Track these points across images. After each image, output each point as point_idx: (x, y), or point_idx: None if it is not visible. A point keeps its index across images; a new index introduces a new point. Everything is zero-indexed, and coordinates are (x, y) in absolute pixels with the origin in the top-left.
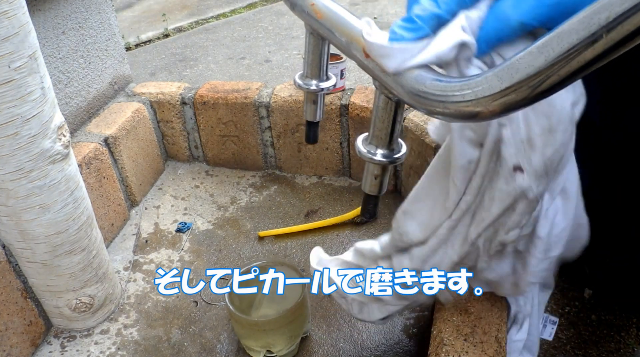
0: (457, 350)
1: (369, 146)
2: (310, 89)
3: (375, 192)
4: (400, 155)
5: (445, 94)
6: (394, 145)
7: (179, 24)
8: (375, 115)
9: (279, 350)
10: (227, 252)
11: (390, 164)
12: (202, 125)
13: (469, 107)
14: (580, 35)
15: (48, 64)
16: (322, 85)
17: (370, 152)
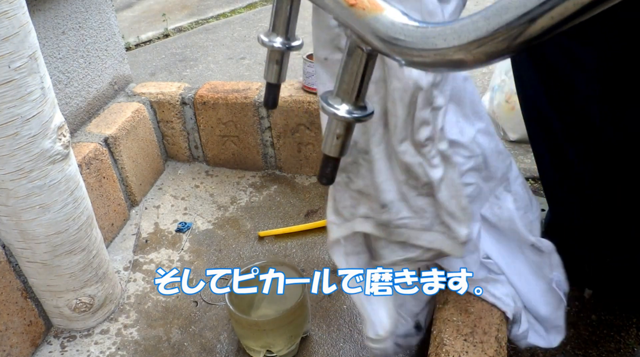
0: (457, 350)
1: (334, 100)
2: (275, 46)
3: (335, 154)
4: (366, 113)
5: (427, 40)
6: (360, 102)
7: (179, 24)
8: (343, 67)
9: (279, 350)
10: (227, 252)
11: (355, 122)
12: (202, 125)
13: (453, 55)
14: None
15: (48, 64)
16: (288, 43)
17: (333, 106)
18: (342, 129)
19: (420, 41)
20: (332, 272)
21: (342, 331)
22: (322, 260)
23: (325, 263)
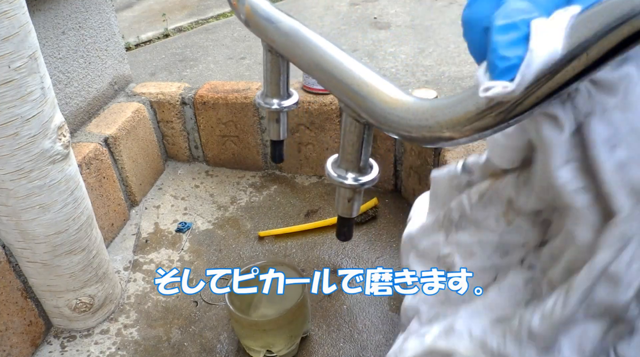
0: None
1: (339, 170)
2: (272, 108)
3: (348, 215)
4: (371, 178)
5: (417, 117)
6: (364, 168)
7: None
8: (343, 138)
9: (279, 350)
10: (227, 252)
11: (361, 187)
12: (202, 125)
13: (441, 132)
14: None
15: (48, 64)
16: (284, 103)
17: (340, 176)
18: (351, 194)
19: (410, 119)
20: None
21: (342, 331)
22: (322, 260)
23: (325, 263)
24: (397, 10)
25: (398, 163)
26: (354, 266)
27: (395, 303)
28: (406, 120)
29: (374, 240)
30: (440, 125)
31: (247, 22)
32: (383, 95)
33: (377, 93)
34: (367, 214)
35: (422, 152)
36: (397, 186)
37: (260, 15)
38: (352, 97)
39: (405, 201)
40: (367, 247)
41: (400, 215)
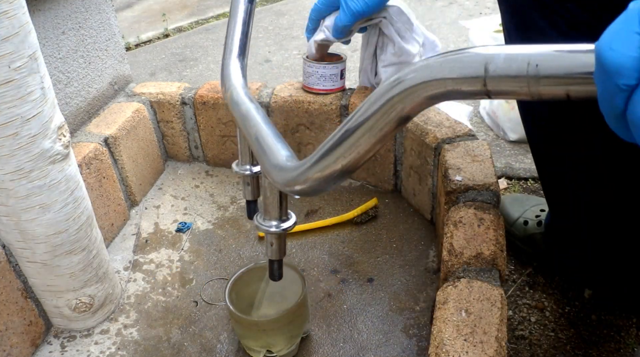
0: (457, 350)
1: (264, 221)
2: (246, 173)
3: (276, 258)
4: (290, 223)
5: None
6: (283, 217)
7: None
8: (264, 196)
9: (279, 350)
10: (227, 252)
11: (283, 232)
12: (202, 125)
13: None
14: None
15: (48, 64)
16: (254, 169)
17: (266, 225)
18: (276, 239)
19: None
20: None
21: (342, 331)
22: (322, 260)
23: (325, 263)
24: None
25: (398, 163)
26: (354, 265)
27: (395, 303)
28: (283, 185)
29: (374, 240)
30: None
31: (227, 106)
32: (269, 166)
33: (267, 166)
34: (367, 214)
35: (422, 152)
36: (397, 186)
37: (232, 101)
38: (264, 169)
39: (405, 200)
40: (367, 247)
41: (400, 215)
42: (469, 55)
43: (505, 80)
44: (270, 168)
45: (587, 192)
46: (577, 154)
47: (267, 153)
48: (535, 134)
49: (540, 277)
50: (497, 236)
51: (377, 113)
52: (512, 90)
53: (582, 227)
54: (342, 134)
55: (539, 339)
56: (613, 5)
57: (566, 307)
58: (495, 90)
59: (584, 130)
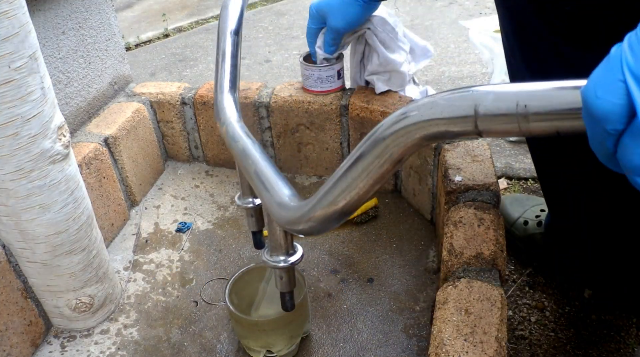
0: (457, 350)
1: (272, 256)
2: (249, 206)
3: (287, 290)
4: (297, 258)
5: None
6: (290, 251)
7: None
8: (269, 232)
9: (279, 350)
10: (227, 252)
11: (291, 266)
12: (202, 125)
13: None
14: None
15: (48, 64)
16: (256, 201)
17: (274, 261)
18: (284, 272)
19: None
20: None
21: (342, 331)
22: (322, 260)
23: (325, 263)
24: (397, 10)
25: None
26: (354, 265)
27: (395, 303)
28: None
29: (374, 240)
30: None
31: (224, 141)
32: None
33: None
34: (367, 214)
35: (422, 152)
36: (397, 185)
37: (229, 137)
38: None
39: (405, 200)
40: (367, 247)
41: (400, 215)
42: (459, 97)
43: (496, 120)
44: (273, 206)
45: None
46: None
47: (270, 191)
48: (533, 145)
49: (540, 277)
50: (497, 236)
51: (370, 155)
52: (503, 129)
53: (582, 227)
54: (341, 175)
55: (539, 339)
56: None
57: (566, 307)
58: (486, 130)
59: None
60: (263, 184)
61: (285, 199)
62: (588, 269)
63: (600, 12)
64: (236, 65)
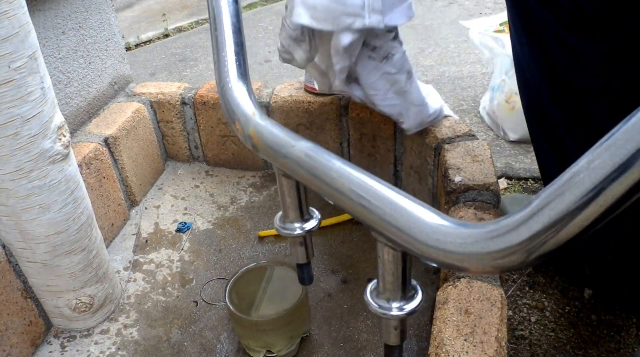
0: (457, 350)
1: (381, 300)
2: (294, 233)
3: (398, 343)
4: (417, 303)
5: (465, 247)
6: (408, 294)
7: (179, 24)
8: (382, 269)
9: (279, 350)
10: (227, 252)
11: (408, 316)
12: (202, 125)
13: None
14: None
15: (48, 64)
16: (306, 226)
17: (383, 307)
18: (398, 322)
19: (456, 250)
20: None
21: (342, 331)
22: (322, 260)
23: (325, 263)
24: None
25: (398, 163)
26: (354, 265)
27: None
28: (452, 253)
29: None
30: (493, 257)
31: (255, 148)
32: (422, 224)
33: (416, 222)
34: None
35: (422, 152)
36: (397, 185)
37: (268, 140)
38: (387, 227)
39: None
40: (367, 247)
41: None
42: None
43: None
44: (423, 238)
45: None
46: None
47: (406, 217)
48: (538, 128)
49: (540, 277)
50: None
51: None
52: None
53: None
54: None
55: (539, 339)
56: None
57: (566, 307)
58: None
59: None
60: (381, 204)
61: (450, 225)
62: (588, 268)
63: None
64: (242, 43)
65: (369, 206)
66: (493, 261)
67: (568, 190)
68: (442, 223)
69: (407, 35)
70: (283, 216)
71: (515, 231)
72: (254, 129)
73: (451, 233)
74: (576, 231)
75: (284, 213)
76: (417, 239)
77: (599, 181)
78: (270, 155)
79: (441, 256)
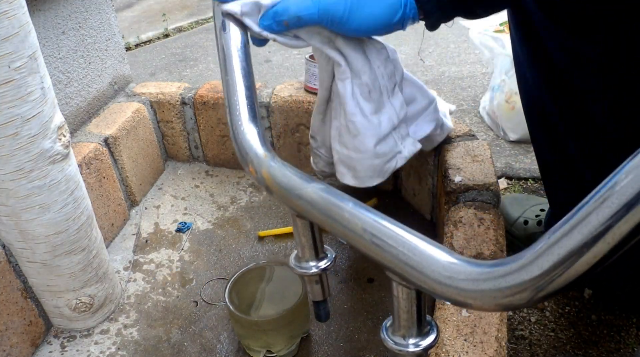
0: (457, 350)
1: (397, 337)
2: (310, 272)
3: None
4: (433, 339)
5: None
6: (424, 330)
7: (179, 24)
8: (397, 306)
9: (279, 350)
10: (227, 252)
11: (424, 352)
12: (202, 125)
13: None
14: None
15: (48, 64)
16: (321, 265)
17: (399, 344)
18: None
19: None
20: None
21: (342, 331)
22: None
23: None
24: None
25: None
26: (354, 265)
27: None
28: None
29: None
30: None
31: (269, 190)
32: (434, 264)
33: (429, 261)
34: None
35: (422, 152)
36: (397, 186)
37: (282, 182)
38: (401, 266)
39: (405, 200)
40: None
41: (400, 215)
42: None
43: None
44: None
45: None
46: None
47: (419, 256)
48: (538, 128)
49: None
50: (497, 236)
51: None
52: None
53: None
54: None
55: (539, 339)
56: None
57: (566, 307)
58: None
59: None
60: (394, 244)
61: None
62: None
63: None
64: (252, 86)
65: (382, 245)
66: (502, 298)
67: (576, 228)
68: (454, 262)
69: (407, 36)
70: (298, 255)
71: (524, 269)
72: (267, 171)
73: (462, 271)
74: (585, 269)
75: (300, 252)
76: (430, 277)
77: (605, 220)
78: (284, 196)
79: (454, 294)
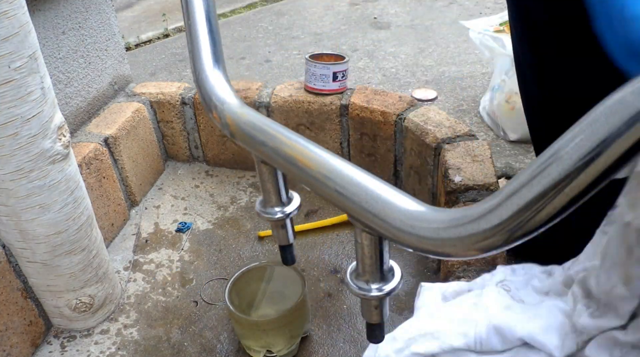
0: None
1: (360, 282)
2: (275, 217)
3: (379, 321)
4: (396, 283)
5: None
6: (386, 275)
7: (179, 24)
8: (359, 252)
9: (279, 350)
10: (227, 252)
11: (387, 296)
12: (202, 125)
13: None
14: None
15: (48, 64)
16: (287, 210)
17: (362, 289)
18: (377, 302)
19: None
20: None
21: (342, 331)
22: (322, 260)
23: (325, 263)
24: (397, 10)
25: (398, 163)
26: None
27: (395, 303)
28: (425, 238)
29: None
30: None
31: (233, 136)
32: (397, 210)
33: (391, 207)
34: None
35: (422, 152)
36: (397, 186)
37: (245, 127)
38: (364, 214)
39: None
40: None
41: None
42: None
43: None
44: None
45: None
46: None
47: (387, 203)
48: (538, 127)
49: None
50: None
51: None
52: None
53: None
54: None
55: None
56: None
57: None
58: None
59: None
60: (358, 191)
61: (419, 207)
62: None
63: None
64: (215, 31)
65: (345, 192)
66: (479, 242)
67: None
68: (419, 209)
69: (407, 36)
70: (264, 200)
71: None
72: (230, 117)
73: (427, 218)
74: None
75: (265, 198)
76: (393, 226)
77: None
78: (248, 143)
79: (415, 241)
